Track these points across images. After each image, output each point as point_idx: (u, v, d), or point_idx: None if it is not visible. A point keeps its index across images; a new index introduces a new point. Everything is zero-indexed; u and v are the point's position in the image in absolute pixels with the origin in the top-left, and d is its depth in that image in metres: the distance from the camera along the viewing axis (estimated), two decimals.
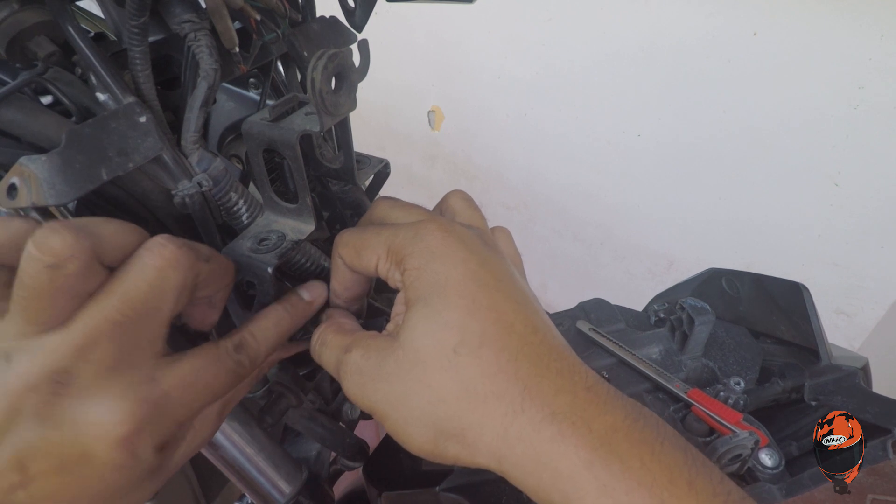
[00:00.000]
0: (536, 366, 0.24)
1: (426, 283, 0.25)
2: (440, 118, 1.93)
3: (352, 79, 0.28)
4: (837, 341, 0.51)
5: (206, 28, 0.29)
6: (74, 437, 0.21)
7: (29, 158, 0.23)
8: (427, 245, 0.26)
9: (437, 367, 0.24)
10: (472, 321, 0.25)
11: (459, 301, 0.25)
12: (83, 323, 0.21)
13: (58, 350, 0.21)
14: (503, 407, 0.23)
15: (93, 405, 0.21)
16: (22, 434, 0.21)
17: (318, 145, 0.35)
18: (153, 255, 0.22)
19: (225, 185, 0.30)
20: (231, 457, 0.41)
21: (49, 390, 0.21)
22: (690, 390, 0.47)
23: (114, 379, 0.22)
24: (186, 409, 0.25)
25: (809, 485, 0.40)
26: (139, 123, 0.27)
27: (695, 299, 0.52)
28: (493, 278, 0.26)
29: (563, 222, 1.74)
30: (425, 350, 0.25)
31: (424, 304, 0.25)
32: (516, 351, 0.24)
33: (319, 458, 0.49)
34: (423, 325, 0.25)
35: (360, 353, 0.26)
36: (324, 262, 0.35)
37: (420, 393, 0.25)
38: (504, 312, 0.25)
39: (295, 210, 0.31)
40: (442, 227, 0.27)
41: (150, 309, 0.22)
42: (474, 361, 0.24)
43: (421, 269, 0.26)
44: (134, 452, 0.23)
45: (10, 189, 0.23)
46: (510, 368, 0.24)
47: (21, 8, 0.26)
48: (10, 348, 0.21)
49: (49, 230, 0.20)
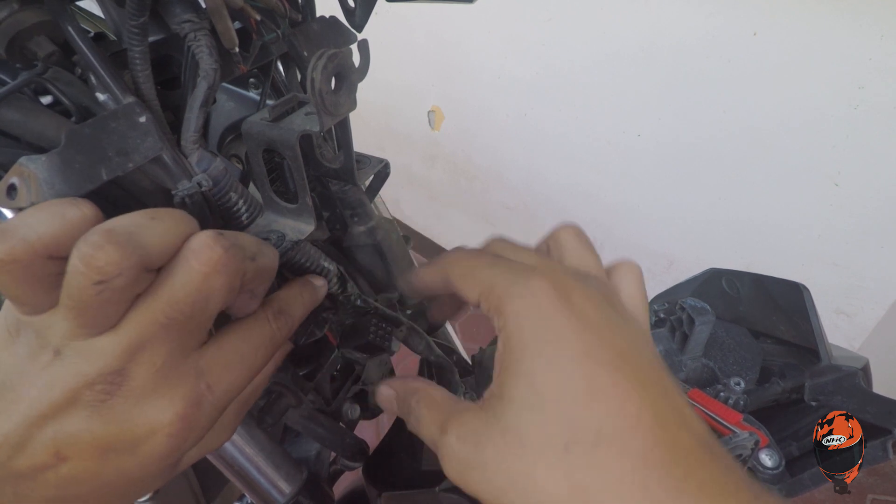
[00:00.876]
0: (669, 476, 0.19)
1: (529, 352, 0.22)
2: (440, 118, 1.93)
3: (352, 79, 0.28)
4: (837, 341, 0.51)
5: (206, 28, 0.29)
6: (124, 432, 0.22)
7: (29, 158, 0.23)
8: (535, 303, 0.22)
9: (544, 465, 0.21)
10: (587, 412, 0.20)
11: (571, 384, 0.21)
12: (133, 326, 0.21)
13: (112, 351, 0.21)
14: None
15: (145, 404, 0.22)
16: (67, 424, 0.21)
17: (318, 145, 0.35)
18: (200, 261, 0.22)
19: (225, 184, 0.30)
20: (231, 457, 0.41)
21: (104, 388, 0.21)
22: (690, 390, 0.47)
23: (163, 378, 0.22)
24: (230, 393, 0.25)
25: (809, 485, 0.41)
26: (139, 123, 0.27)
27: (695, 299, 0.52)
28: (614, 354, 0.22)
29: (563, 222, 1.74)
30: (530, 440, 0.21)
31: (527, 382, 0.22)
32: (643, 455, 0.20)
33: (319, 458, 0.49)
34: (528, 410, 0.21)
35: (455, 435, 0.23)
36: (324, 262, 0.35)
37: (525, 490, 0.21)
38: (627, 401, 0.21)
39: (295, 210, 0.31)
40: (556, 283, 0.23)
41: (196, 312, 0.22)
42: (589, 463, 0.20)
43: (523, 332, 0.22)
44: (180, 446, 0.23)
45: (9, 189, 0.23)
46: (635, 479, 0.19)
47: (21, 8, 0.26)
48: (61, 345, 0.21)
49: (94, 246, 0.19)
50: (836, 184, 1.13)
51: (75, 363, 0.21)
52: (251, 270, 0.24)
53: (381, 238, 0.40)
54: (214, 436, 0.28)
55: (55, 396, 0.21)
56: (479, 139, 1.85)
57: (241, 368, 0.25)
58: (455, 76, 1.78)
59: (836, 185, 1.13)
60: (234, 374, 0.25)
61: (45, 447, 0.21)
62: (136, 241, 0.21)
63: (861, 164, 1.09)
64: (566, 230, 0.29)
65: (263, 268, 0.26)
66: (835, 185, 1.13)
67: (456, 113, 1.88)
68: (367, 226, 0.40)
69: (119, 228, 0.20)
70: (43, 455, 0.21)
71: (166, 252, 0.22)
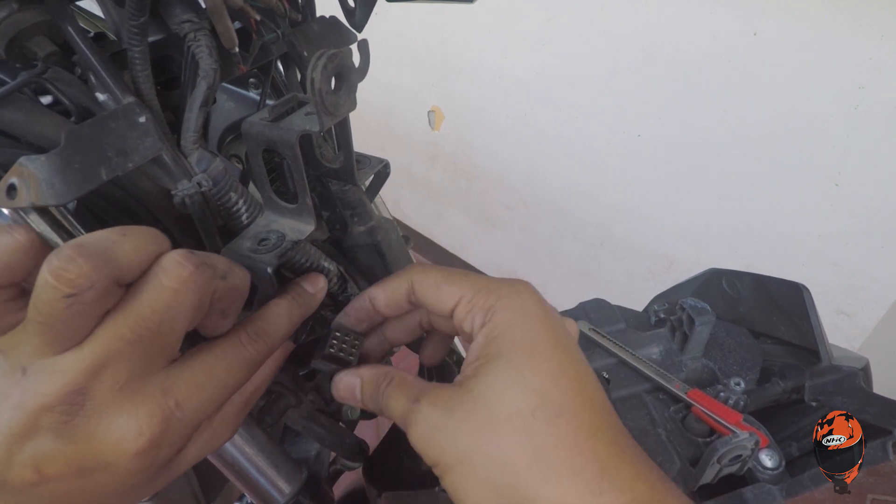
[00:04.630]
0: (613, 447, 0.24)
1: (513, 340, 0.25)
2: (440, 118, 1.93)
3: (351, 79, 0.28)
4: (838, 341, 0.51)
5: (206, 28, 0.29)
6: (90, 450, 0.22)
7: (28, 158, 0.23)
8: (523, 304, 0.26)
9: (510, 429, 0.24)
10: (555, 388, 0.24)
11: (545, 365, 0.25)
12: (98, 343, 0.21)
13: (73, 370, 0.21)
14: (579, 485, 0.23)
15: (108, 422, 0.22)
16: (39, 445, 0.21)
17: (317, 145, 0.35)
18: (169, 277, 0.22)
19: (224, 185, 0.30)
20: (231, 457, 0.41)
21: (64, 409, 0.21)
22: (690, 391, 0.47)
23: (127, 395, 0.22)
24: (201, 412, 0.25)
25: (810, 485, 0.40)
26: (138, 123, 0.27)
27: (695, 300, 0.52)
28: (575, 352, 0.26)
29: (563, 222, 1.74)
30: (500, 407, 0.24)
31: (507, 362, 0.25)
32: (595, 428, 0.24)
33: (319, 458, 0.49)
34: (503, 382, 0.24)
35: (428, 402, 0.26)
36: (323, 262, 0.35)
37: (487, 453, 0.24)
38: (586, 386, 0.25)
39: (294, 210, 0.31)
40: (536, 292, 0.27)
41: (164, 329, 0.22)
42: (551, 430, 0.23)
43: (510, 325, 0.26)
44: (152, 462, 0.23)
45: (9, 189, 0.23)
46: (587, 446, 0.23)
47: (20, 8, 0.25)
48: (26, 363, 0.21)
49: (66, 259, 0.19)
50: (836, 184, 1.13)
51: (36, 383, 0.21)
52: (221, 289, 0.24)
53: (381, 238, 0.40)
54: (216, 435, 0.28)
55: (21, 418, 0.21)
56: (480, 139, 1.85)
57: (213, 388, 0.25)
58: (455, 76, 1.78)
59: (836, 185, 1.13)
60: (205, 392, 0.24)
61: (26, 465, 0.21)
62: (108, 255, 0.21)
63: (861, 164, 1.08)
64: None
65: (234, 287, 0.26)
66: (835, 185, 1.13)
67: (456, 113, 1.88)
68: (367, 226, 0.40)
69: (90, 243, 0.21)
70: (26, 472, 0.21)
71: (137, 267, 0.22)
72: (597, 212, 1.62)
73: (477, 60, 1.68)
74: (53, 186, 0.23)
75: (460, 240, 2.21)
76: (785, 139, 1.16)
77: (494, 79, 1.66)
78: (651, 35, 1.27)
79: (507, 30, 1.55)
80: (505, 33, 1.56)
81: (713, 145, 1.28)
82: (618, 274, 1.66)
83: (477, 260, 2.18)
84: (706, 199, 1.35)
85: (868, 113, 1.04)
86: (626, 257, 1.62)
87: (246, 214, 0.32)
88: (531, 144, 1.68)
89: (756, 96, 1.16)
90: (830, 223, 1.17)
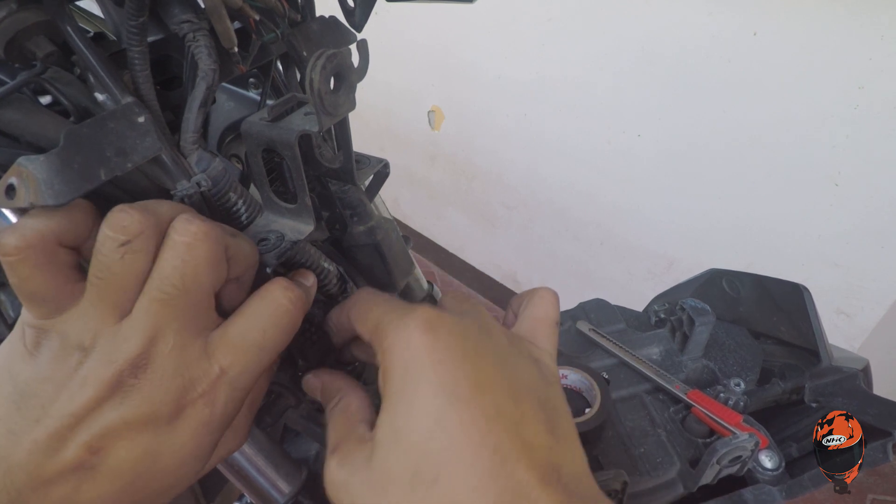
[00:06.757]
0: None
1: (394, 390, 0.23)
2: (440, 118, 1.93)
3: (351, 79, 0.28)
4: (838, 342, 0.51)
5: (205, 28, 0.29)
6: (154, 412, 0.23)
7: (27, 158, 0.23)
8: (406, 340, 0.24)
9: (394, 501, 0.22)
10: (429, 449, 0.21)
11: (420, 421, 0.22)
12: (141, 310, 0.23)
13: (136, 335, 0.22)
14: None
15: (168, 384, 0.23)
16: (102, 417, 0.22)
17: (317, 145, 0.35)
18: (180, 233, 0.23)
19: (224, 185, 0.30)
20: (230, 457, 0.41)
21: (132, 373, 0.22)
22: (690, 391, 0.47)
23: (176, 357, 0.23)
24: (246, 375, 0.25)
25: (809, 486, 0.40)
26: (138, 123, 0.27)
27: (695, 300, 0.52)
28: (469, 386, 0.22)
29: (563, 222, 1.74)
30: (388, 475, 0.22)
31: (389, 419, 0.23)
32: (476, 491, 0.21)
33: (319, 457, 0.49)
34: (388, 443, 0.23)
35: (337, 459, 0.25)
36: (323, 262, 0.35)
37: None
38: (468, 436, 0.21)
39: (294, 210, 0.31)
40: (428, 321, 0.24)
41: (188, 285, 0.23)
42: (428, 500, 0.21)
43: (393, 371, 0.24)
44: (206, 424, 0.24)
45: (8, 189, 0.23)
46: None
47: (19, 8, 0.25)
48: (89, 341, 0.22)
49: (119, 210, 0.22)
50: (836, 184, 1.13)
51: (107, 353, 0.22)
52: (233, 246, 0.25)
53: (381, 238, 0.40)
54: (228, 441, 0.28)
55: (90, 393, 0.22)
56: (479, 139, 1.85)
57: (255, 350, 0.25)
58: (455, 76, 1.78)
59: (836, 185, 1.13)
60: (248, 356, 0.25)
61: (78, 446, 0.22)
62: (150, 208, 0.24)
63: (861, 164, 1.08)
64: (447, 296, 0.32)
65: (244, 249, 0.26)
66: (835, 185, 1.13)
67: (456, 113, 1.88)
68: (366, 226, 0.40)
69: (135, 203, 0.24)
70: (76, 452, 0.22)
71: (169, 222, 0.24)
72: (597, 212, 1.62)
73: (477, 60, 1.68)
74: (52, 186, 0.23)
75: (460, 240, 2.21)
76: (785, 139, 1.16)
77: (494, 79, 1.66)
78: (651, 35, 1.27)
79: (507, 30, 1.55)
80: (505, 33, 1.56)
81: (713, 145, 1.28)
82: (618, 274, 1.66)
83: (477, 260, 2.18)
84: (706, 199, 1.35)
85: (868, 113, 1.04)
86: (625, 257, 1.62)
87: (245, 214, 0.32)
88: (531, 144, 1.68)
89: (756, 96, 1.16)
90: (830, 223, 1.17)
